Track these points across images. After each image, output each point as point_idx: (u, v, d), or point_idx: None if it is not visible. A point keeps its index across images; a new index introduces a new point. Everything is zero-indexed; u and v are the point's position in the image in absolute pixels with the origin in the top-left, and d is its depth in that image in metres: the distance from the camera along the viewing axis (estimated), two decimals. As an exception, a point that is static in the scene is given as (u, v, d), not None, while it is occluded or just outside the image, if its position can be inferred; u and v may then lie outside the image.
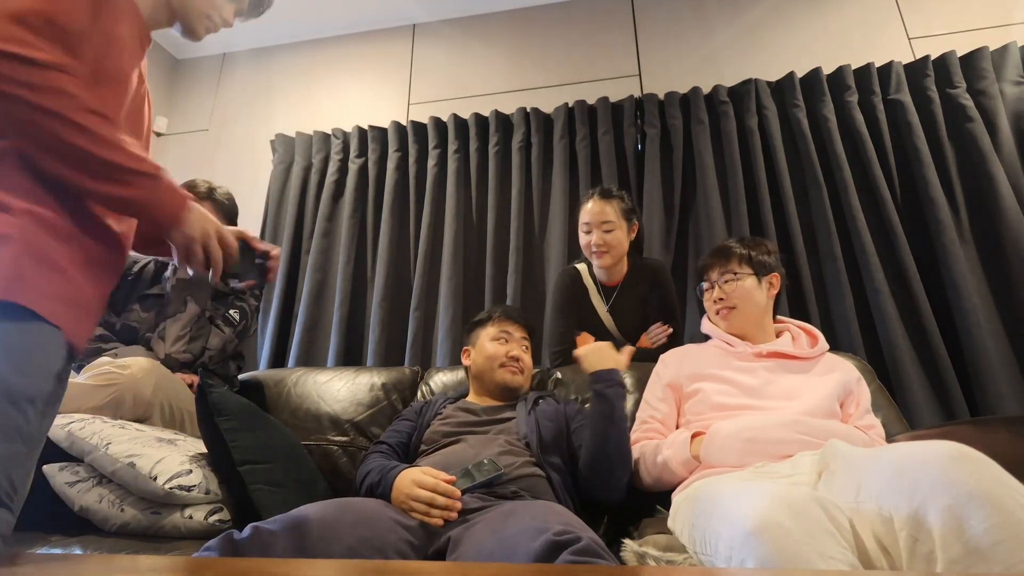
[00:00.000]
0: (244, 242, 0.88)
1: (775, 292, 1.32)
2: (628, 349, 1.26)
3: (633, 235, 1.68)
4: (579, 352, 1.21)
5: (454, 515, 0.91)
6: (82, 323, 0.75)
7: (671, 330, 1.63)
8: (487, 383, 1.32)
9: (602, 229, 1.60)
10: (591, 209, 1.63)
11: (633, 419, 1.32)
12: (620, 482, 1.10)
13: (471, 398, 1.34)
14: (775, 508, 0.67)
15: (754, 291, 1.27)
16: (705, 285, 1.35)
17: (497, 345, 1.33)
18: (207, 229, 0.80)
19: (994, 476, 0.63)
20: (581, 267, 1.76)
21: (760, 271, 1.29)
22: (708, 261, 1.35)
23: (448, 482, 0.95)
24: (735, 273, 1.28)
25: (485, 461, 1.02)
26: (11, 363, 0.66)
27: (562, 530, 0.70)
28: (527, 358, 1.35)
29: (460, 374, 1.62)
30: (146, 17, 0.85)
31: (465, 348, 1.42)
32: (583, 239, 1.65)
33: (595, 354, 1.19)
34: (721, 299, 1.29)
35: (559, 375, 1.57)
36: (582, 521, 0.82)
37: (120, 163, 0.71)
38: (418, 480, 0.96)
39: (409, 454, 1.21)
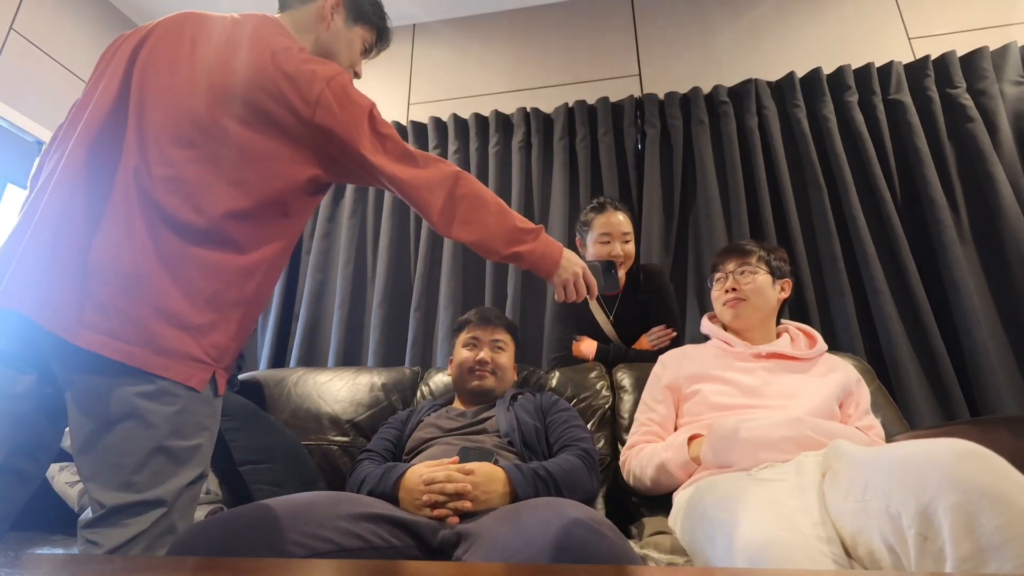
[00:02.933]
0: (598, 263, 1.10)
1: (785, 297, 1.32)
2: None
3: None
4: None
5: (468, 487, 0.91)
6: None
7: (674, 333, 1.63)
8: (461, 390, 1.34)
9: (622, 240, 1.60)
10: (610, 220, 1.61)
11: (632, 419, 1.33)
12: (590, 495, 1.09)
13: (455, 404, 1.34)
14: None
15: (767, 288, 1.28)
16: (717, 275, 1.34)
17: (466, 352, 1.34)
18: (576, 270, 1.00)
19: (1004, 473, 0.62)
20: None
21: (776, 273, 1.31)
22: (725, 254, 1.34)
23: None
24: (753, 268, 1.29)
25: (472, 448, 1.03)
26: None
27: (584, 520, 0.72)
28: (501, 358, 1.34)
29: (460, 374, 1.62)
30: None
31: (450, 358, 1.43)
32: (599, 250, 1.61)
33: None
34: (733, 289, 1.28)
35: (557, 376, 1.57)
36: (595, 511, 0.82)
37: (523, 227, 0.93)
38: (427, 477, 0.95)
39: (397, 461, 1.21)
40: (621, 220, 1.61)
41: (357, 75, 1.06)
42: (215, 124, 0.78)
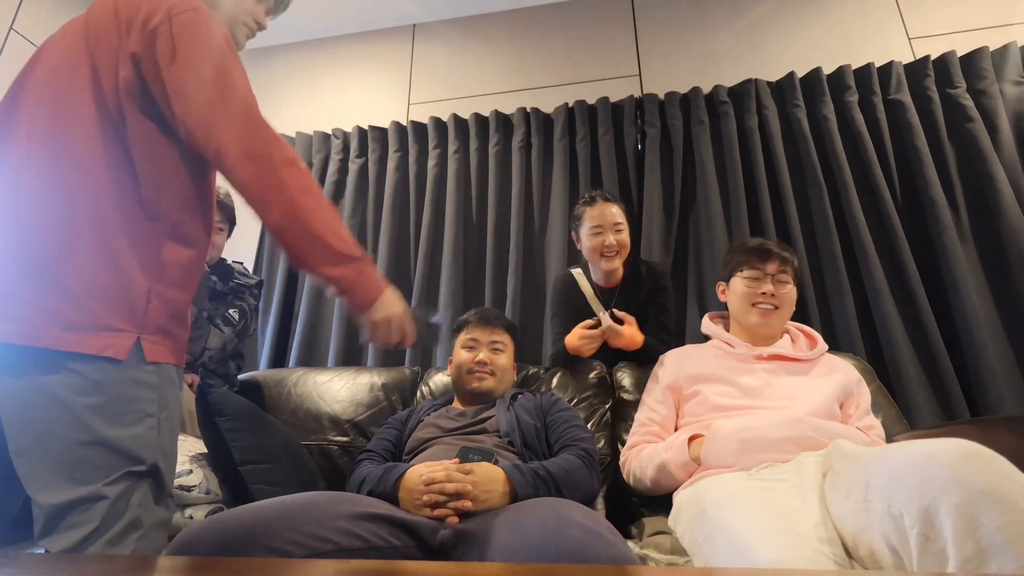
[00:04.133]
0: (419, 311, 0.98)
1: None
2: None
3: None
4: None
5: (468, 487, 0.91)
6: None
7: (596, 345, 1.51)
8: (460, 390, 1.34)
9: (614, 230, 1.59)
10: (600, 212, 1.60)
11: (632, 420, 1.32)
12: (590, 495, 1.08)
13: (455, 404, 1.34)
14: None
15: (793, 300, 1.28)
16: (753, 273, 1.27)
17: (465, 353, 1.34)
18: (396, 313, 0.89)
19: (1006, 473, 0.62)
20: (576, 272, 1.74)
21: (795, 282, 1.31)
22: (765, 254, 1.28)
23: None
24: (788, 276, 1.28)
25: (473, 448, 1.03)
26: None
27: (583, 522, 0.71)
28: (500, 359, 1.34)
29: (460, 374, 1.62)
30: None
31: (450, 358, 1.43)
32: (592, 242, 1.61)
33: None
34: (772, 295, 1.26)
35: (557, 376, 1.57)
36: (595, 512, 0.82)
37: (340, 249, 0.82)
38: (427, 477, 0.95)
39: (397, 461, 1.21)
40: (612, 211, 1.61)
41: (261, 26, 0.97)
42: (73, 80, 0.76)
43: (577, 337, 1.51)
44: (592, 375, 1.55)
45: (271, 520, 0.76)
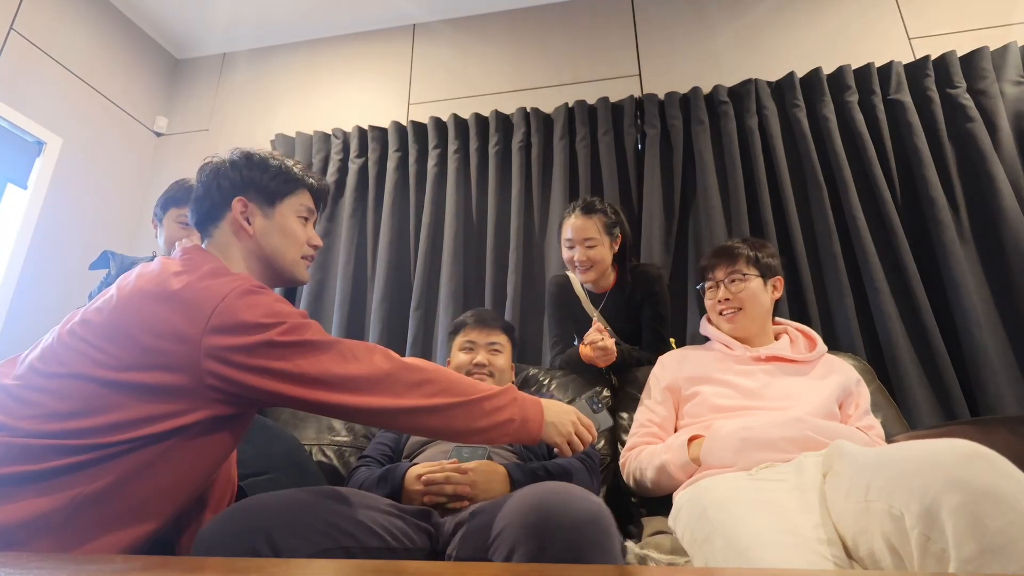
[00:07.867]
0: (582, 399, 0.96)
1: (778, 296, 1.31)
2: None
3: (617, 246, 1.62)
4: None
5: (467, 488, 0.93)
6: None
7: (601, 342, 1.47)
8: None
9: (585, 245, 1.56)
10: (573, 225, 1.58)
11: (631, 420, 1.32)
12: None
13: None
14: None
15: (760, 294, 1.27)
16: (708, 284, 1.33)
17: (462, 355, 1.34)
18: (569, 419, 0.84)
19: (1007, 473, 0.62)
20: (571, 274, 1.74)
21: (766, 274, 1.29)
22: (713, 260, 1.32)
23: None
24: (743, 274, 1.27)
25: (465, 446, 1.05)
26: None
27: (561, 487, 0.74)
28: (498, 360, 1.34)
29: (460, 374, 1.62)
30: None
31: (448, 360, 1.42)
32: (565, 253, 1.61)
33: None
34: (727, 300, 1.27)
35: (559, 376, 1.57)
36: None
37: (483, 397, 0.77)
38: (427, 478, 0.96)
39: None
40: (582, 225, 1.56)
41: (317, 246, 0.95)
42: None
43: (589, 349, 1.47)
44: (591, 375, 1.55)
45: (301, 507, 0.76)
